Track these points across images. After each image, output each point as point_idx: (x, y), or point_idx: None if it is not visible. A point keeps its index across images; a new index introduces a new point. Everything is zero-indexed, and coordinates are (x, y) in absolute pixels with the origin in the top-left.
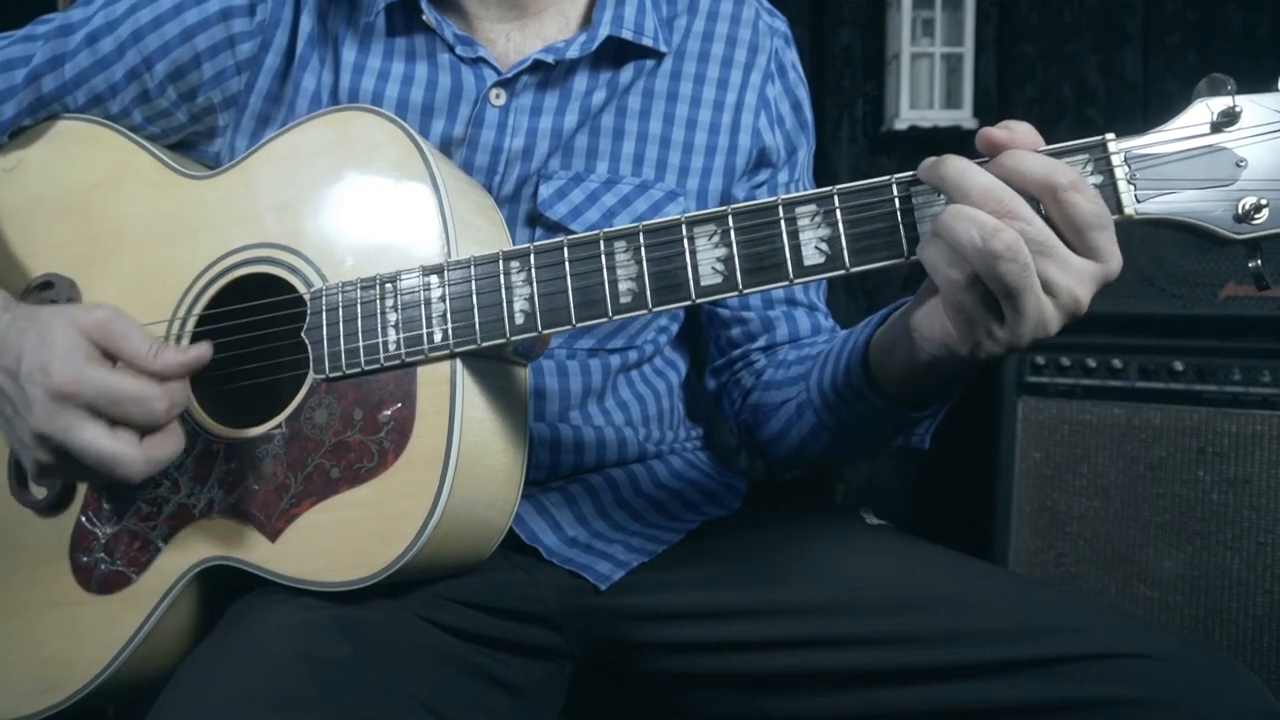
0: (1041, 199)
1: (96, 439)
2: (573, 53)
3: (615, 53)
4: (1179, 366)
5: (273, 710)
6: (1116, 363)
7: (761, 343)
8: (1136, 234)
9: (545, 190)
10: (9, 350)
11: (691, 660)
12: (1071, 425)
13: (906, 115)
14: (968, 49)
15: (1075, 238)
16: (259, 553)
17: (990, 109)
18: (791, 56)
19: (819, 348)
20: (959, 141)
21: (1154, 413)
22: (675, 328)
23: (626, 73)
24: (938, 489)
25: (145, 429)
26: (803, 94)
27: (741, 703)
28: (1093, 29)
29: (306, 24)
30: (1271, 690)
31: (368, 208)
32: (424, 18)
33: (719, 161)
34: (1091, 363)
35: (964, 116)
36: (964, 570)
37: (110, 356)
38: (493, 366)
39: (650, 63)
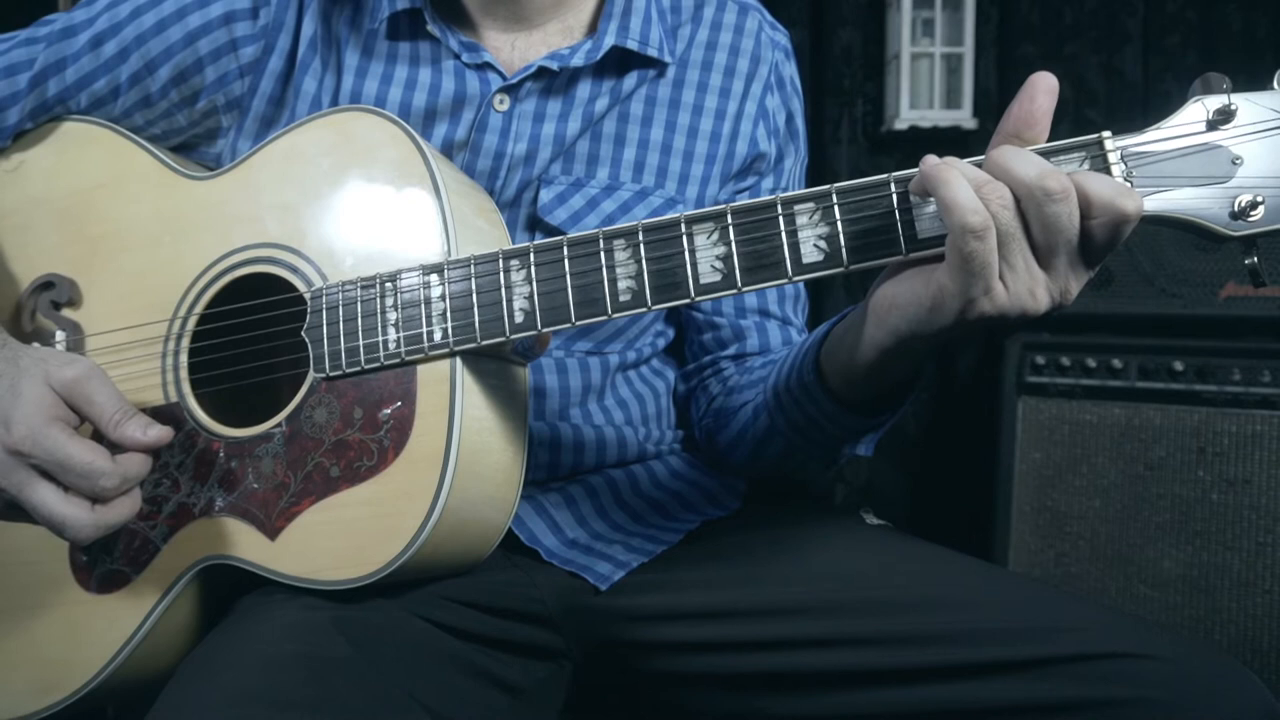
0: (1024, 201)
1: (45, 501)
2: (577, 61)
3: (619, 61)
4: (1179, 366)
5: (272, 710)
6: (1116, 363)
7: (731, 351)
8: (1136, 233)
9: (545, 195)
10: None
11: (691, 660)
12: (1071, 425)
13: (906, 115)
14: (968, 49)
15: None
16: (258, 552)
17: (990, 109)
18: (790, 70)
19: (783, 354)
20: (959, 141)
21: (1154, 413)
22: (671, 333)
23: (629, 80)
24: (938, 489)
25: (92, 500)
26: (796, 106)
27: (741, 703)
28: (1093, 29)
29: (309, 27)
30: (1271, 690)
31: (368, 208)
32: (428, 28)
33: (717, 169)
34: (1091, 363)
35: (964, 116)
36: (964, 570)
37: (79, 414)
38: (493, 366)
39: (653, 71)
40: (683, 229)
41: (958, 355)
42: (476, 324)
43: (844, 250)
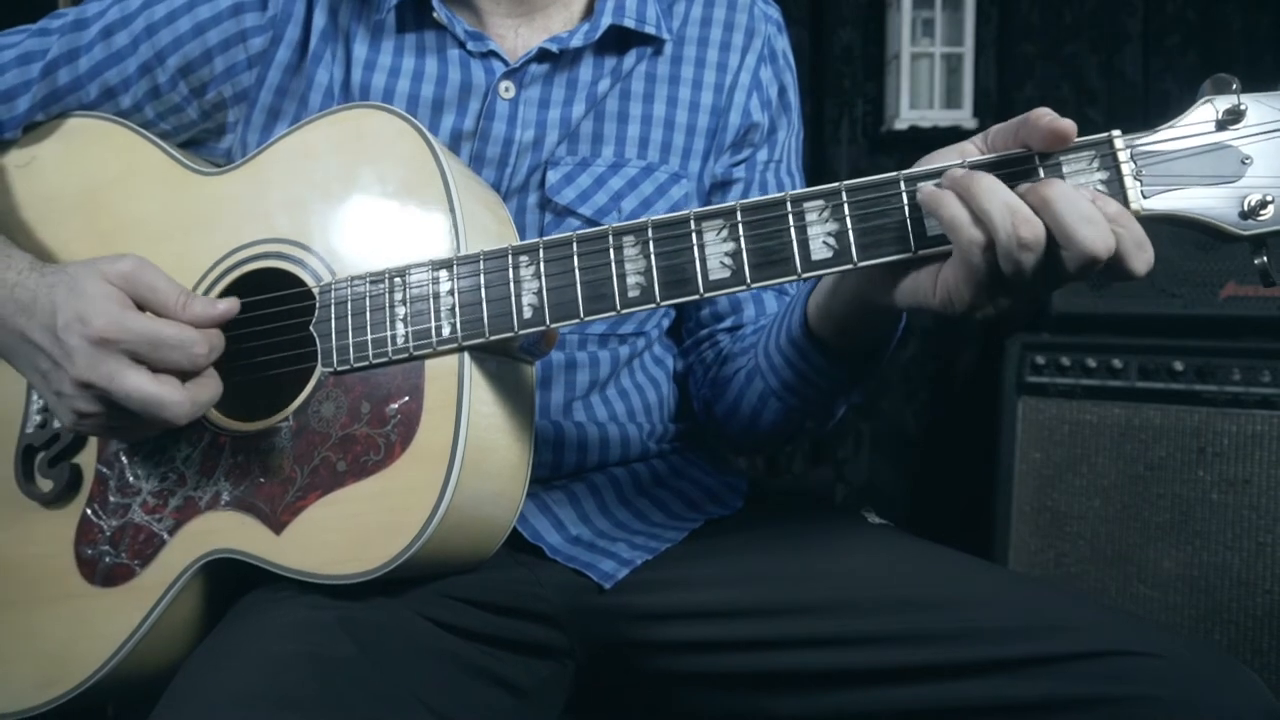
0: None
1: (141, 384)
2: (576, 42)
3: (618, 41)
4: (1179, 366)
5: (276, 709)
6: (1116, 363)
7: (728, 323)
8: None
9: (553, 176)
10: (42, 307)
11: (695, 659)
12: (1071, 425)
13: (906, 115)
14: (968, 49)
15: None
16: (264, 546)
17: (990, 109)
18: (783, 44)
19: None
20: (958, 142)
21: (1154, 413)
22: (674, 313)
23: (629, 59)
24: (938, 489)
25: (186, 374)
26: (789, 79)
27: (744, 702)
28: (1093, 29)
29: (319, 19)
30: (1272, 690)
31: (378, 204)
32: (435, 15)
33: (717, 142)
34: (1091, 363)
35: (964, 116)
36: (966, 569)
37: (141, 305)
38: (500, 363)
39: (652, 48)
40: (692, 225)
41: (958, 355)
42: (485, 319)
43: (853, 247)
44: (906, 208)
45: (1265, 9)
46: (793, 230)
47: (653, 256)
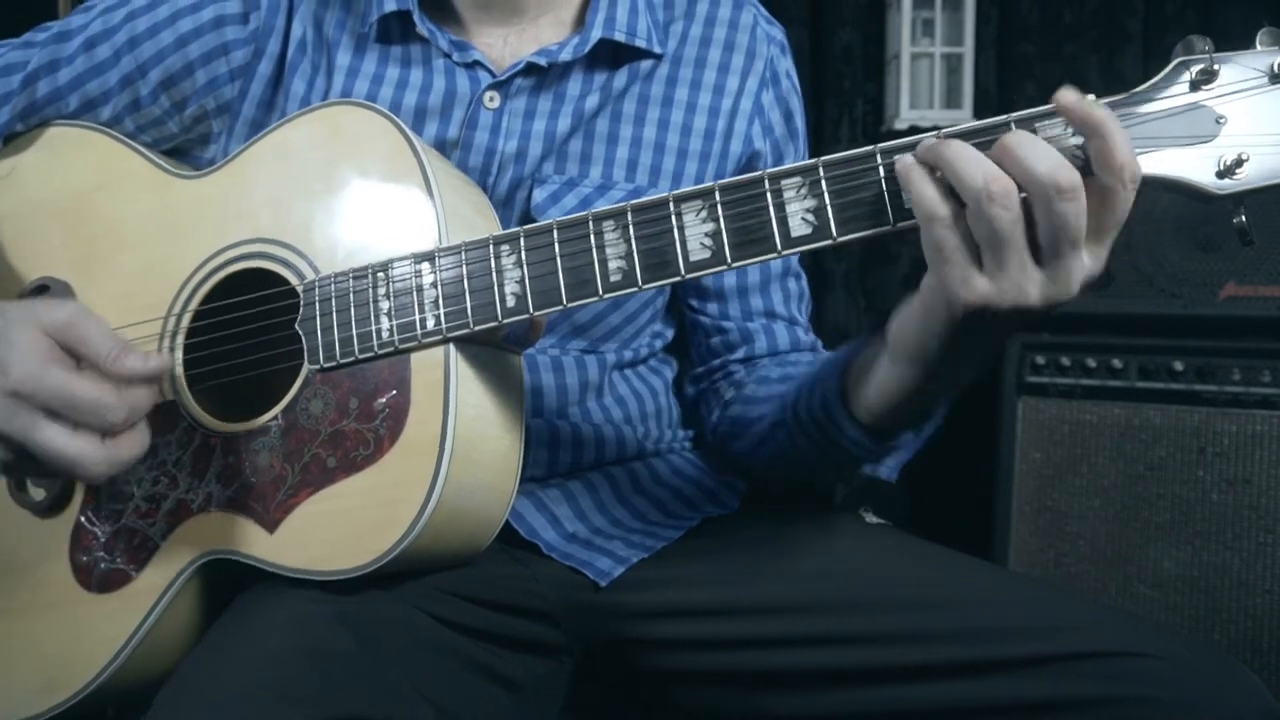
0: (1033, 198)
1: (54, 439)
2: (565, 55)
3: (610, 56)
4: (1179, 366)
5: (275, 704)
6: (1116, 363)
7: (740, 354)
8: (1136, 233)
9: (539, 194)
10: None
11: (692, 658)
12: (1071, 425)
13: (906, 115)
14: (968, 49)
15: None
16: (257, 545)
17: (990, 109)
18: (787, 65)
19: (801, 367)
20: None
21: (1154, 413)
22: (670, 334)
23: (621, 77)
24: (938, 489)
25: (103, 434)
26: (795, 104)
27: (741, 700)
28: (1093, 29)
29: (299, 29)
30: (1272, 690)
31: (359, 200)
32: (418, 30)
33: (712, 167)
34: (1091, 363)
35: (964, 116)
36: (965, 569)
37: (75, 357)
38: (487, 354)
39: (646, 66)
40: (671, 207)
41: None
42: (469, 309)
43: (832, 222)
44: (883, 180)
45: (1265, 9)
46: (771, 208)
47: (633, 240)
